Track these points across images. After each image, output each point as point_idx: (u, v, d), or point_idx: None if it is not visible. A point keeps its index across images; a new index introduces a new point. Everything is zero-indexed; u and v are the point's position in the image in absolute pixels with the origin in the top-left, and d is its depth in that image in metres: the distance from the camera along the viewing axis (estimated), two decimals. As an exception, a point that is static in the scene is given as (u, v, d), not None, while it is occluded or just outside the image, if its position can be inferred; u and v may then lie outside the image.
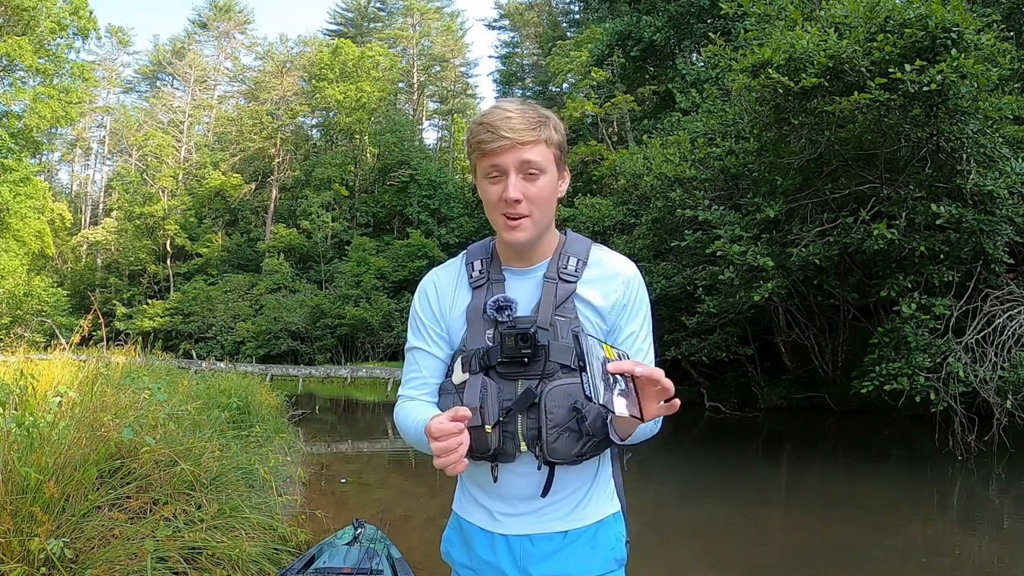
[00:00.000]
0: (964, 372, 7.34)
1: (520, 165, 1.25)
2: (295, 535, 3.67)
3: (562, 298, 1.30)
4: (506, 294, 1.32)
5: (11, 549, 2.36)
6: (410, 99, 44.29)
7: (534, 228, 1.29)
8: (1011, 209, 7.70)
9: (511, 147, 1.24)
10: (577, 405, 1.23)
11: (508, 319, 1.29)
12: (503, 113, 1.26)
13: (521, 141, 1.24)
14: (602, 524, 1.33)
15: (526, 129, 1.25)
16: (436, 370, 1.37)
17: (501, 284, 1.35)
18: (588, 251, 1.37)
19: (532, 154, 1.26)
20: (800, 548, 4.87)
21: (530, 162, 1.25)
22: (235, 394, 7.71)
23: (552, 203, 1.32)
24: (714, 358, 12.18)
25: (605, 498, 1.36)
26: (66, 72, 28.12)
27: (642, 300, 1.36)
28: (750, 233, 8.73)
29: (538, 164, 1.26)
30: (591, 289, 1.33)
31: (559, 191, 1.34)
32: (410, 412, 1.34)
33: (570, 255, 1.35)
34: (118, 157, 46.57)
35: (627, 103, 20.48)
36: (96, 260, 40.56)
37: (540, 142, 1.27)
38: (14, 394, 4.00)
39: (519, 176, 1.26)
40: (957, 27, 6.89)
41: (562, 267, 1.34)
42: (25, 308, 27.95)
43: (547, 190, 1.29)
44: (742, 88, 8.75)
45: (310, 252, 33.20)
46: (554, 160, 1.30)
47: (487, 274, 1.36)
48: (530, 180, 1.27)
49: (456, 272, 1.41)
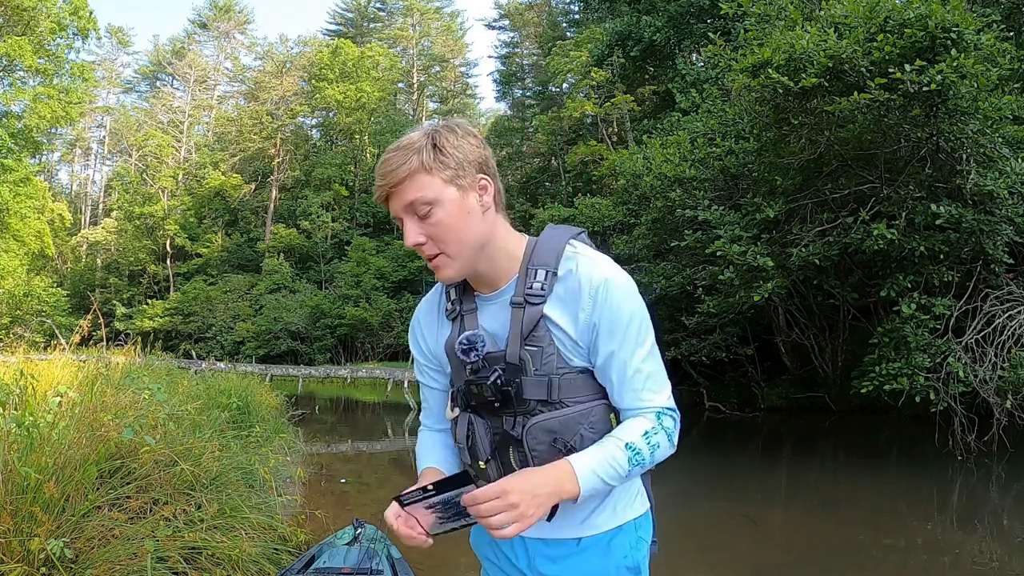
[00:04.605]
0: (964, 372, 7.34)
1: (406, 208, 1.15)
2: (295, 535, 3.67)
3: (530, 325, 1.19)
4: (475, 329, 1.25)
5: (11, 549, 2.36)
6: (410, 99, 44.30)
7: (456, 262, 1.18)
8: (1011, 209, 7.70)
9: (389, 194, 1.16)
10: (560, 439, 1.18)
11: (475, 360, 1.22)
12: (384, 156, 1.17)
13: (394, 183, 1.15)
14: (620, 531, 1.29)
15: (398, 167, 1.14)
16: (440, 400, 1.38)
17: (472, 315, 1.26)
18: (559, 257, 1.21)
19: (412, 191, 1.14)
20: (800, 548, 4.87)
21: (413, 202, 1.15)
22: (235, 394, 7.70)
23: (466, 228, 1.17)
24: (714, 358, 12.18)
25: (625, 503, 1.31)
26: (66, 72, 28.12)
27: (617, 310, 1.18)
28: (750, 233, 8.73)
29: (423, 199, 1.14)
30: (559, 309, 1.20)
31: (475, 207, 1.18)
32: (419, 454, 1.39)
33: (538, 267, 1.21)
34: (118, 157, 46.59)
35: (627, 103, 20.48)
36: (96, 260, 40.57)
37: (418, 172, 1.14)
38: (14, 394, 4.00)
39: (412, 219, 1.16)
40: (957, 27, 6.89)
41: (528, 287, 1.20)
42: (25, 308, 27.98)
43: (448, 220, 1.15)
44: (742, 88, 8.75)
45: (310, 252, 33.22)
46: (447, 181, 1.15)
47: (459, 304, 1.29)
48: (425, 218, 1.15)
49: (436, 303, 1.35)
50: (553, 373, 1.19)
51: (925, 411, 7.75)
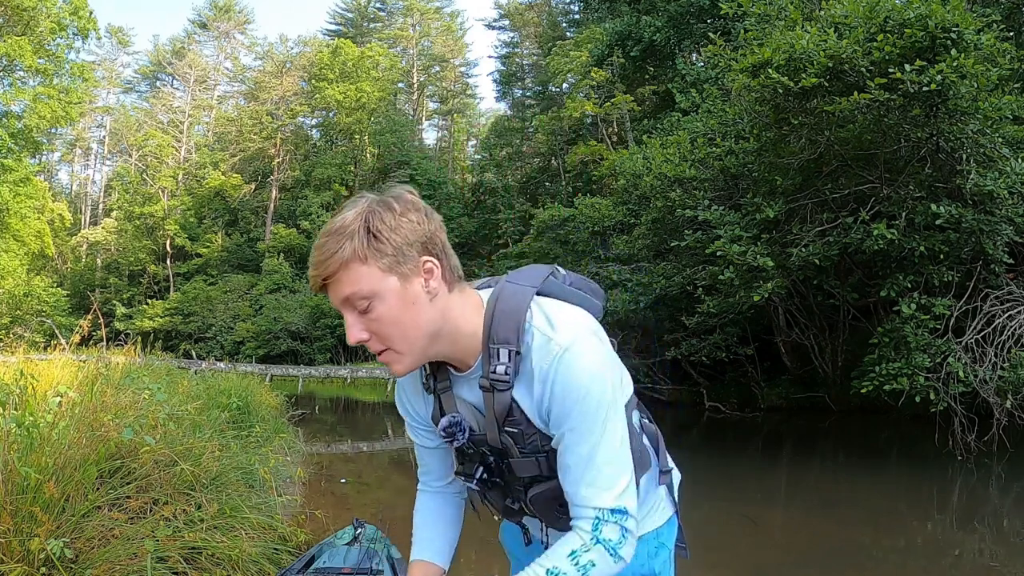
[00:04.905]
0: (964, 372, 7.34)
1: (344, 303, 1.05)
2: (295, 535, 3.66)
3: (503, 412, 1.11)
4: (452, 410, 1.18)
5: (11, 549, 2.36)
6: (410, 99, 44.31)
7: (407, 357, 1.09)
8: (1011, 209, 7.70)
9: (323, 286, 1.06)
10: (563, 503, 1.13)
11: (463, 441, 1.17)
12: (316, 240, 1.07)
13: (326, 276, 1.04)
14: (640, 539, 1.26)
15: (329, 257, 1.03)
16: (437, 459, 1.33)
17: (448, 393, 1.19)
18: (519, 331, 1.08)
19: (346, 285, 1.03)
20: (800, 548, 4.87)
21: (349, 298, 1.04)
22: (235, 394, 7.70)
23: (411, 321, 1.06)
24: (714, 358, 12.17)
25: (646, 513, 1.28)
26: (66, 72, 28.13)
27: (568, 389, 1.05)
28: (750, 233, 8.73)
29: (360, 294, 1.03)
30: (524, 390, 1.10)
31: (421, 295, 1.06)
32: (415, 523, 1.35)
33: (500, 346, 1.09)
34: (118, 157, 46.60)
35: (627, 103, 20.48)
36: (96, 260, 40.58)
37: (352, 263, 1.02)
38: (14, 394, 4.00)
39: (351, 313, 1.06)
40: (957, 27, 6.89)
41: (492, 371, 1.09)
42: (25, 308, 27.98)
43: (390, 315, 1.04)
44: (742, 88, 8.75)
45: (310, 252, 33.20)
46: (385, 270, 1.03)
47: (434, 379, 1.20)
48: (366, 312, 1.05)
49: (416, 373, 1.25)
50: (539, 452, 1.12)
51: (925, 411, 7.75)
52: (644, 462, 1.23)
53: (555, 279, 1.19)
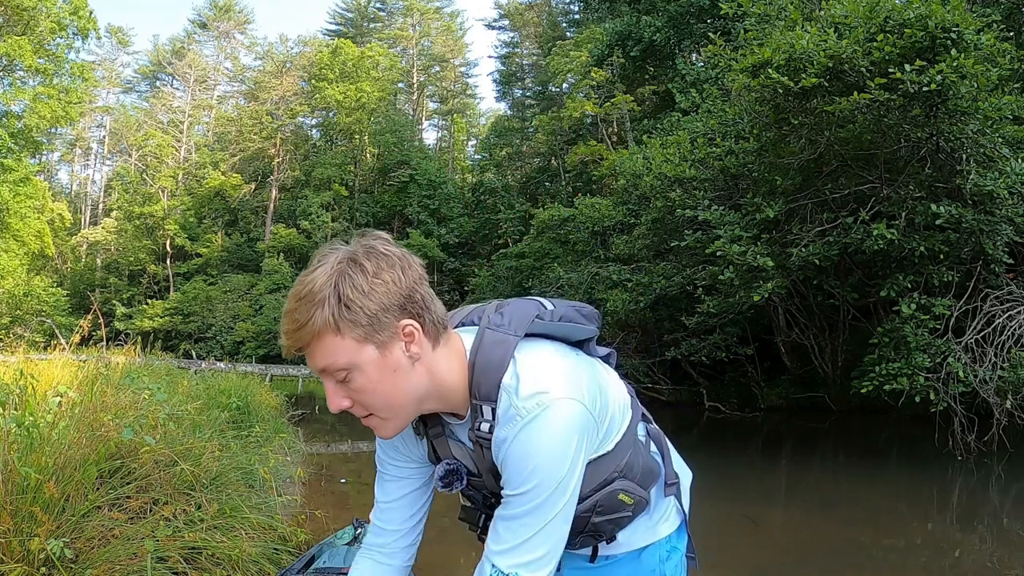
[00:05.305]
0: (964, 372, 7.34)
1: (321, 373, 1.01)
2: (295, 535, 3.66)
3: (491, 465, 1.08)
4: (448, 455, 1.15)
5: (11, 549, 2.36)
6: (410, 99, 44.30)
7: (393, 422, 1.05)
8: (1011, 209, 7.70)
9: (299, 352, 1.00)
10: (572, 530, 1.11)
11: (461, 487, 1.15)
12: (286, 304, 1.01)
13: (299, 347, 0.99)
14: (652, 544, 1.28)
15: (300, 327, 0.97)
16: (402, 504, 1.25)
17: (442, 439, 1.15)
18: (498, 392, 1.03)
19: (320, 358, 0.98)
20: (800, 548, 4.87)
21: (325, 369, 0.99)
22: (235, 394, 7.70)
23: (394, 389, 1.01)
24: (714, 358, 12.19)
25: (658, 520, 1.28)
26: (66, 72, 28.12)
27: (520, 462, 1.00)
28: (750, 233, 8.74)
29: (336, 366, 0.98)
30: (498, 457, 1.05)
31: (402, 362, 1.00)
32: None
33: (482, 403, 1.05)
34: (118, 157, 46.59)
35: (627, 103, 20.48)
36: (96, 260, 40.56)
37: (325, 334, 0.96)
38: (14, 394, 4.00)
39: (330, 381, 1.01)
40: (957, 27, 6.89)
41: (477, 428, 1.06)
42: (25, 308, 27.96)
43: (370, 385, 0.99)
44: (742, 88, 8.75)
45: (310, 252, 32.65)
46: (361, 340, 0.97)
47: (425, 425, 1.16)
48: (345, 382, 1.00)
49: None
50: None
51: (925, 411, 7.76)
52: (651, 477, 1.22)
53: (542, 320, 1.11)
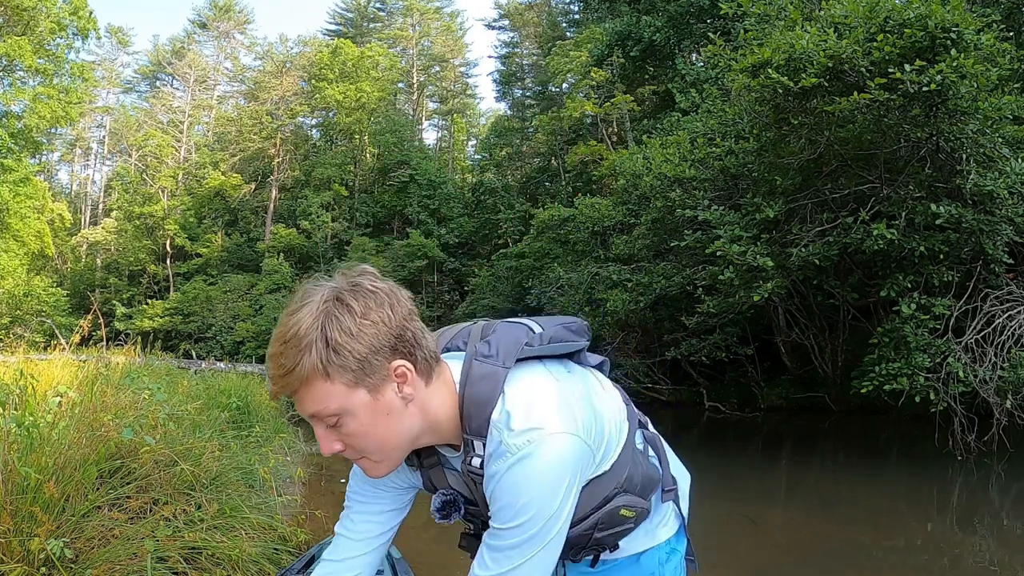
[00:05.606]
0: (964, 372, 7.34)
1: (311, 418, 0.98)
2: (295, 535, 3.66)
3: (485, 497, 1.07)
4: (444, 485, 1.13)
5: (11, 549, 2.36)
6: (410, 99, 44.28)
7: (386, 463, 1.04)
8: (1011, 209, 7.70)
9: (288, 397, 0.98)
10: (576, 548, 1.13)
11: (459, 517, 1.14)
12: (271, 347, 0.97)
13: (289, 393, 0.96)
14: (652, 547, 1.29)
15: (287, 372, 0.93)
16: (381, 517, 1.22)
17: (437, 469, 1.14)
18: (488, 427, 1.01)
19: (310, 404, 0.96)
20: (800, 548, 4.87)
21: (315, 415, 0.97)
22: (235, 394, 7.69)
23: (386, 432, 0.99)
24: (714, 358, 12.18)
25: (658, 524, 1.29)
26: (66, 72, 28.10)
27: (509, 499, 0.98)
28: (750, 233, 8.73)
29: (327, 411, 0.96)
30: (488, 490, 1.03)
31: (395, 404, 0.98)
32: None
33: (473, 439, 1.03)
34: (118, 157, 46.57)
35: (627, 103, 20.48)
36: (96, 260, 40.54)
37: (313, 380, 0.93)
38: (14, 394, 4.00)
39: (321, 426, 0.99)
40: (957, 27, 6.89)
41: (469, 464, 1.05)
42: (25, 308, 27.94)
43: (362, 429, 0.97)
44: (742, 88, 8.75)
45: (310, 252, 33.20)
46: (351, 385, 0.94)
47: (418, 457, 1.14)
48: (336, 427, 0.98)
49: None
50: None
51: (925, 411, 7.75)
52: (651, 484, 1.23)
53: (531, 346, 1.08)
